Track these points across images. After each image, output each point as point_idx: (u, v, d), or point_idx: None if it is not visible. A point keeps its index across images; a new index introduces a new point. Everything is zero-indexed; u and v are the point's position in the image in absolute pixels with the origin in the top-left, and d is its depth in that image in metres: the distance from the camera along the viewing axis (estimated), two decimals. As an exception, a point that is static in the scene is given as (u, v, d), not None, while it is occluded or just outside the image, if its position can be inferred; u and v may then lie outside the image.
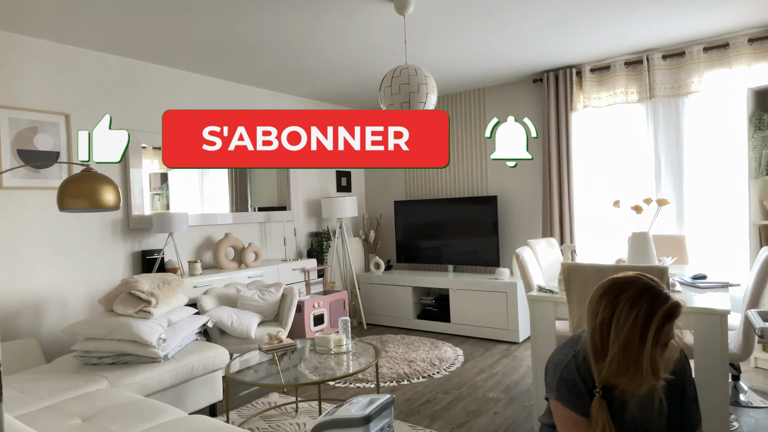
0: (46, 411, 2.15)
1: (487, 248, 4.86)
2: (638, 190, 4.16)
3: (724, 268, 3.74)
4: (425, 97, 2.70)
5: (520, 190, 4.90)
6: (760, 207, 3.65)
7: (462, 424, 2.84)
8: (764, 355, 3.49)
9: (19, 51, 3.14)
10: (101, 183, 2.31)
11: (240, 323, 3.43)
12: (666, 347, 1.23)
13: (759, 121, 3.59)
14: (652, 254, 3.07)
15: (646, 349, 1.18)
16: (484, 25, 3.33)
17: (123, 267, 3.64)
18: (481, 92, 5.09)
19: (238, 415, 3.03)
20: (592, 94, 4.33)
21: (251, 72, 4.19)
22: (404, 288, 5.11)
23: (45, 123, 3.24)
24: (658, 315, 1.18)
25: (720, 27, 3.56)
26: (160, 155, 3.92)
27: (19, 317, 3.09)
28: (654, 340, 1.18)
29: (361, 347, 3.04)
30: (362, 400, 2.02)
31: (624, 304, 1.22)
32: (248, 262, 4.24)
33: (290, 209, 4.95)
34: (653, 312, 1.19)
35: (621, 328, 1.21)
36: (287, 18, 3.08)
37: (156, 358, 2.70)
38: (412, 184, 5.65)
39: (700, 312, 2.24)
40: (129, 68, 3.72)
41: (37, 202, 3.19)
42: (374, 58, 3.91)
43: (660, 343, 1.21)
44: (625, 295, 1.23)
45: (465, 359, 4.01)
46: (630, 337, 1.20)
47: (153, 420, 2.04)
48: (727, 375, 2.22)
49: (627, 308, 1.21)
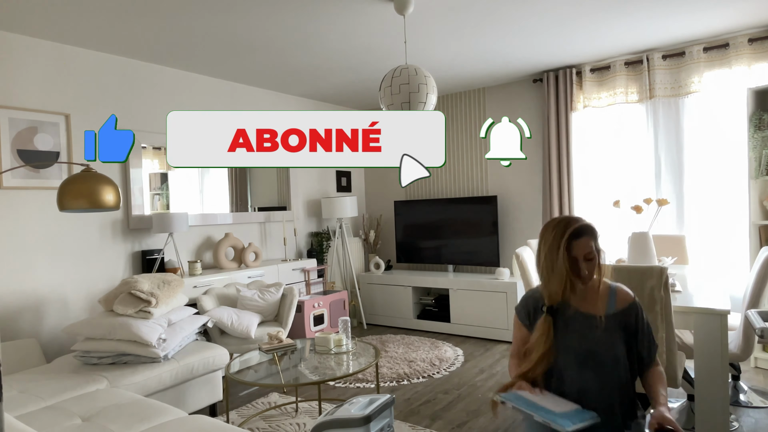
0: (46, 411, 2.15)
1: (487, 248, 4.86)
2: (638, 190, 4.16)
3: (724, 268, 3.74)
4: (425, 97, 2.70)
5: (520, 190, 4.90)
6: (760, 207, 3.65)
7: (462, 424, 2.84)
8: (764, 355, 3.49)
9: (19, 51, 3.14)
10: (101, 183, 2.30)
11: (240, 323, 3.43)
12: (591, 262, 1.59)
13: (759, 121, 3.59)
14: (652, 254, 3.07)
15: (559, 256, 1.59)
16: (484, 25, 3.33)
17: (123, 267, 3.64)
18: (481, 92, 5.09)
19: (238, 415, 3.03)
20: (592, 94, 4.33)
21: (251, 72, 4.19)
22: (404, 288, 5.11)
23: (45, 123, 3.23)
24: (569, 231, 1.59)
25: (720, 27, 3.56)
26: (160, 155, 3.92)
27: (19, 317, 3.09)
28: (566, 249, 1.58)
29: (361, 347, 3.04)
30: (362, 400, 2.01)
31: (548, 234, 1.64)
32: (248, 262, 4.24)
33: (290, 209, 4.95)
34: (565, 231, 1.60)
35: (543, 250, 1.64)
36: (287, 18, 3.07)
37: (156, 358, 2.70)
38: (412, 184, 5.64)
39: (700, 312, 2.24)
40: (129, 68, 3.72)
41: (37, 202, 3.19)
42: (374, 58, 3.90)
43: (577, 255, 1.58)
44: (548, 228, 1.66)
45: (465, 359, 4.01)
46: (549, 253, 1.62)
47: (153, 420, 2.04)
48: (727, 375, 2.22)
49: (550, 237, 1.63)
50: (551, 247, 1.61)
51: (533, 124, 4.69)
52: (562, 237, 1.60)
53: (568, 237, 1.59)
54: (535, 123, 4.68)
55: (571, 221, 1.63)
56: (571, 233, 1.59)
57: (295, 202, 5.01)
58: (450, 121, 5.28)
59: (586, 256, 1.59)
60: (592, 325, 1.62)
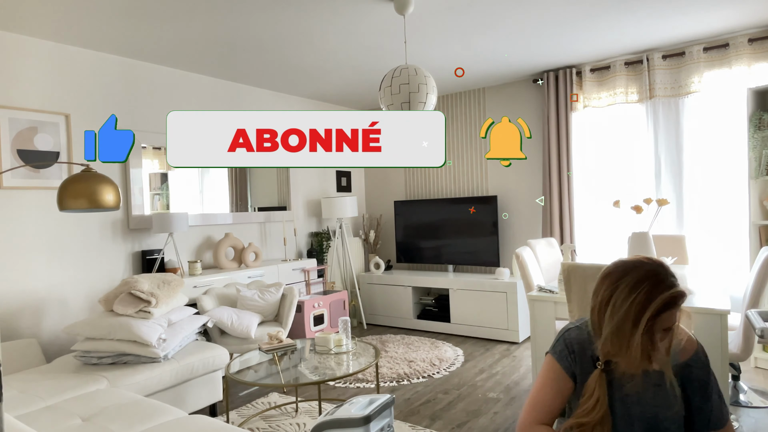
0: (46, 411, 2.15)
1: (487, 248, 4.86)
2: (638, 190, 4.16)
3: (724, 268, 3.74)
4: (425, 97, 2.70)
5: (520, 190, 4.90)
6: (760, 207, 3.65)
7: (462, 424, 2.84)
8: (764, 355, 3.49)
9: (19, 51, 3.14)
10: (101, 183, 2.30)
11: (240, 323, 3.43)
12: (669, 332, 1.22)
13: (759, 121, 3.59)
14: (652, 254, 3.07)
15: (637, 333, 1.18)
16: (484, 25, 3.33)
17: (123, 267, 3.64)
18: (481, 92, 5.09)
19: (238, 415, 3.03)
20: (592, 94, 4.33)
21: (251, 72, 4.19)
22: (404, 288, 5.11)
23: (45, 123, 3.23)
24: (656, 302, 1.18)
25: (720, 27, 3.56)
26: (160, 155, 3.92)
27: (19, 317, 3.09)
28: (647, 327, 1.18)
29: (361, 347, 3.04)
30: (362, 400, 2.01)
31: (624, 287, 1.22)
32: (248, 262, 4.24)
33: (290, 209, 4.95)
34: (651, 299, 1.18)
35: (617, 311, 1.22)
36: (287, 18, 3.07)
37: (156, 358, 2.70)
38: (412, 184, 5.65)
39: (700, 312, 2.24)
40: (129, 68, 3.72)
41: (37, 202, 3.19)
42: (374, 58, 3.90)
43: (657, 330, 1.20)
44: (626, 278, 1.23)
45: (465, 359, 4.01)
46: (623, 320, 1.20)
47: (153, 420, 2.04)
48: (727, 375, 2.22)
49: (626, 292, 1.21)
50: (626, 314, 1.20)
51: (533, 124, 4.69)
52: (647, 307, 1.18)
53: (658, 308, 1.18)
54: (535, 123, 4.68)
55: (662, 282, 1.20)
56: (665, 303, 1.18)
57: (295, 202, 5.00)
58: (450, 121, 5.28)
59: (667, 327, 1.21)
60: (650, 383, 1.27)
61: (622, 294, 1.22)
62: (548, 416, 1.33)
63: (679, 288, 1.20)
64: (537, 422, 1.32)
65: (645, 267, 1.24)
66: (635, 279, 1.22)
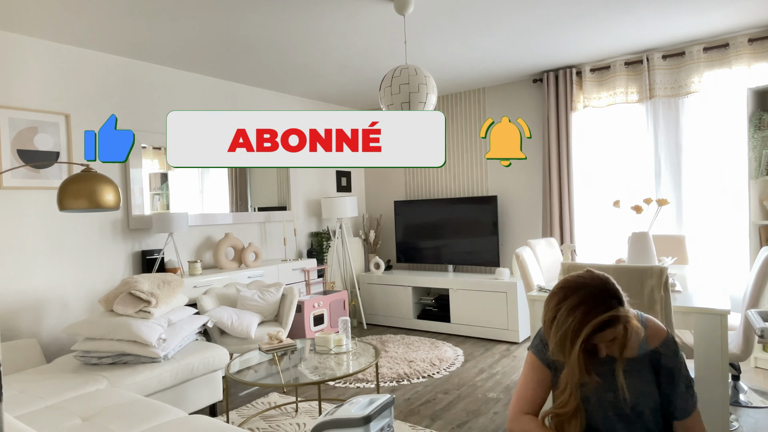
0: (46, 411, 2.15)
1: (487, 248, 4.86)
2: (638, 190, 4.16)
3: (724, 268, 3.74)
4: (425, 97, 2.70)
5: (520, 190, 4.90)
6: (760, 207, 3.65)
7: (462, 424, 2.84)
8: (764, 355, 3.49)
9: (19, 51, 3.14)
10: (101, 183, 2.30)
11: (240, 323, 3.43)
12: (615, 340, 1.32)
13: (759, 121, 3.59)
14: (652, 254, 3.07)
15: (574, 351, 1.30)
16: (484, 25, 3.33)
17: (123, 267, 3.64)
18: (481, 92, 5.09)
19: (238, 415, 3.03)
20: (592, 94, 4.33)
21: (251, 72, 4.19)
22: (404, 288, 5.11)
23: (45, 123, 3.23)
24: (588, 327, 1.28)
25: (720, 27, 3.56)
26: (160, 155, 3.92)
27: (19, 317, 3.09)
28: (582, 347, 1.30)
29: (361, 347, 3.04)
30: (362, 400, 2.01)
31: (564, 310, 1.33)
32: (248, 262, 4.24)
33: (290, 209, 4.95)
34: (585, 322, 1.29)
35: (559, 328, 1.33)
36: (287, 18, 3.08)
37: (156, 358, 2.70)
38: (412, 184, 5.65)
39: (700, 312, 2.24)
40: (129, 68, 3.72)
41: (37, 202, 3.19)
42: (374, 58, 3.90)
43: (599, 342, 1.32)
44: (567, 302, 1.33)
45: (465, 359, 4.01)
46: (563, 338, 1.32)
47: (153, 420, 2.04)
48: (727, 375, 2.22)
49: (565, 314, 1.32)
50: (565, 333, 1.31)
51: (533, 124, 4.69)
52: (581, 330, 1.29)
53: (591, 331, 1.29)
54: (535, 123, 4.68)
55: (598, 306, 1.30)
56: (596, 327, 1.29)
57: (295, 202, 5.00)
58: (450, 121, 5.28)
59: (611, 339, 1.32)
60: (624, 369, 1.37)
61: (563, 316, 1.32)
62: (533, 407, 1.45)
63: (612, 312, 1.28)
64: (523, 413, 1.45)
65: (585, 290, 1.33)
66: (573, 303, 1.32)
